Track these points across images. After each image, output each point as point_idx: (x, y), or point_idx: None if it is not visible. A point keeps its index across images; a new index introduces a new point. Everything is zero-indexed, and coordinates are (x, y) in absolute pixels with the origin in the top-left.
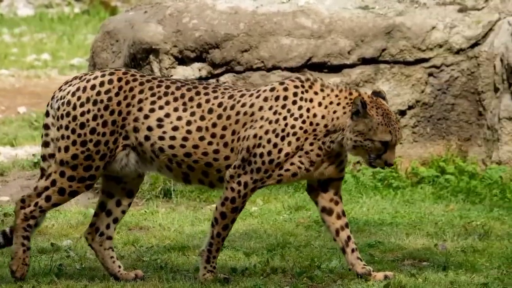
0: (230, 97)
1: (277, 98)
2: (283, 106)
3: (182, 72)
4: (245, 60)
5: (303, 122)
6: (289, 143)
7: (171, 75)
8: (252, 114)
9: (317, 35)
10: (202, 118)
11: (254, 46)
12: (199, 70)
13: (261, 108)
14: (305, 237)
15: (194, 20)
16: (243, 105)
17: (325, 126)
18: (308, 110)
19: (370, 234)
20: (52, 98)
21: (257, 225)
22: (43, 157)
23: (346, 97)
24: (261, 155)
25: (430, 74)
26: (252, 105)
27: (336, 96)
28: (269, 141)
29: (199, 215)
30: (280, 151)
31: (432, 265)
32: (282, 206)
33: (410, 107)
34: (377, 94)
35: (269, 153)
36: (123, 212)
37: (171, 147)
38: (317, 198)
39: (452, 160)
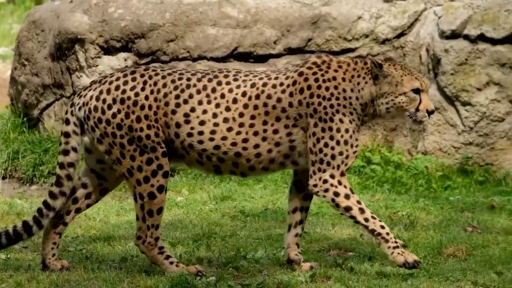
0: (253, 85)
1: (301, 91)
2: (311, 95)
3: (108, 62)
4: (171, 50)
5: (337, 99)
6: (341, 120)
7: (97, 65)
8: (284, 110)
9: (243, 25)
10: (228, 108)
11: (179, 36)
12: (125, 60)
13: (291, 105)
14: (231, 227)
15: (120, 10)
16: (269, 96)
17: (357, 98)
18: (336, 87)
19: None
20: (72, 105)
21: (183, 215)
22: (61, 165)
23: (363, 68)
24: (326, 144)
25: None
26: (279, 100)
27: (354, 69)
28: (323, 130)
29: (125, 205)
30: (338, 130)
31: (358, 255)
32: (208, 196)
33: None
34: (389, 59)
35: (331, 137)
36: (88, 206)
37: (200, 142)
38: (296, 172)
39: (378, 151)
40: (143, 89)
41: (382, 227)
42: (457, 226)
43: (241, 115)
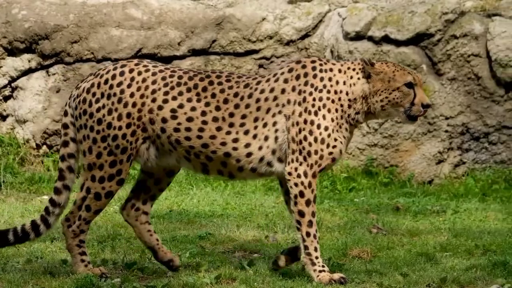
0: (246, 86)
1: (298, 77)
2: (306, 83)
3: (12, 63)
4: (75, 51)
5: (328, 92)
6: (324, 117)
7: (1, 66)
8: (275, 98)
9: (147, 26)
10: (218, 108)
11: (83, 37)
12: (29, 61)
13: (283, 91)
14: None
15: (24, 11)
16: (262, 91)
17: (347, 93)
18: (330, 79)
19: (200, 226)
20: (70, 97)
21: None
22: (62, 157)
23: (359, 64)
24: (305, 138)
25: (260, 66)
26: (272, 90)
27: (352, 63)
28: (305, 121)
29: (29, 206)
30: (319, 126)
31: (263, 257)
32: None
33: None
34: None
35: (311, 132)
36: (161, 190)
37: (187, 138)
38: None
39: None
40: (129, 85)
41: (315, 249)
42: (362, 227)
43: (231, 115)
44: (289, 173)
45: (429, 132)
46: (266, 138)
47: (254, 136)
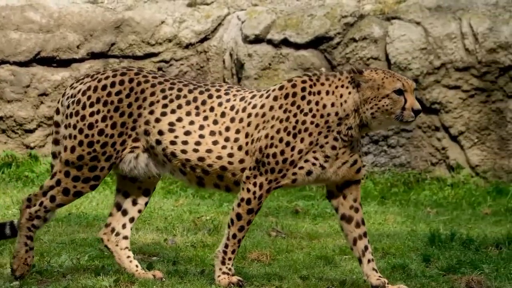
0: (242, 99)
1: (286, 96)
2: (293, 103)
3: None
4: None
5: (313, 116)
6: (302, 140)
7: None
8: (264, 115)
9: (45, 29)
10: (215, 122)
11: None
12: None
13: (271, 108)
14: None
15: None
16: (254, 106)
17: (336, 114)
18: (317, 103)
19: (99, 229)
20: (63, 95)
21: None
22: (54, 155)
23: (347, 77)
24: (274, 155)
25: (159, 69)
26: (262, 106)
27: (339, 79)
28: (281, 140)
29: None
30: (293, 148)
31: (162, 260)
32: (11, 200)
33: None
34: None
35: (282, 152)
36: (140, 211)
37: (184, 151)
38: (337, 205)
39: None
40: (128, 96)
41: (233, 252)
42: (261, 230)
43: (227, 129)
44: (247, 177)
45: None
46: (254, 154)
47: (246, 152)
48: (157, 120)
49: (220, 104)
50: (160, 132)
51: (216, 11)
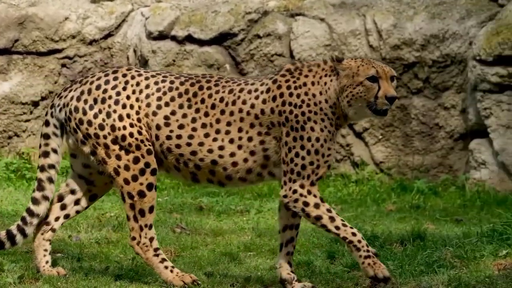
0: (230, 91)
1: (274, 99)
2: (283, 103)
3: None
4: None
5: (308, 105)
6: (312, 129)
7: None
8: (257, 117)
9: None
10: (206, 114)
11: None
12: None
13: (263, 112)
14: None
15: None
16: (244, 102)
17: (326, 101)
18: (306, 93)
19: (3, 226)
20: (52, 106)
21: None
22: (42, 168)
23: (330, 66)
24: (297, 154)
25: (63, 65)
26: (252, 106)
27: (323, 69)
28: (294, 139)
29: None
30: (309, 139)
31: (66, 256)
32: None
33: (43, 98)
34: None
35: (302, 147)
36: (77, 212)
37: (178, 146)
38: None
39: None
40: (124, 88)
41: (354, 234)
42: (165, 227)
43: (218, 121)
44: (285, 196)
45: None
46: (252, 153)
47: (239, 147)
48: (154, 114)
49: (210, 96)
50: (158, 127)
51: (120, 7)
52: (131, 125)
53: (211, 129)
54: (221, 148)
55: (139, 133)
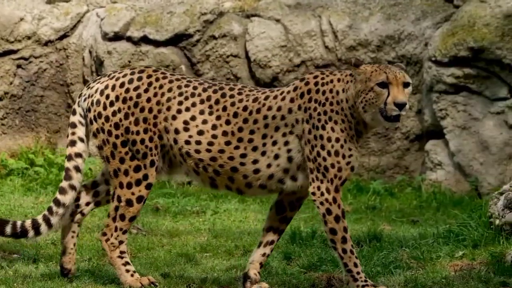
0: (255, 100)
1: (302, 95)
2: (309, 100)
3: None
4: None
5: (331, 104)
6: (332, 129)
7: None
8: (283, 118)
9: None
10: (228, 122)
11: None
12: None
13: (290, 111)
14: None
15: None
16: (269, 108)
17: (347, 101)
18: (331, 91)
19: None
20: (80, 96)
21: None
22: (69, 157)
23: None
24: (318, 154)
25: (18, 66)
26: (279, 109)
27: (348, 74)
28: (315, 137)
29: None
30: (329, 139)
31: (22, 258)
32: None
33: None
34: (374, 63)
35: (322, 147)
36: (108, 201)
37: (197, 151)
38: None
39: (41, 152)
40: (146, 90)
41: (355, 265)
42: None
43: (240, 129)
44: (313, 193)
45: None
46: (276, 157)
47: (263, 153)
48: (174, 118)
49: (233, 104)
50: (176, 131)
51: (75, 8)
52: (145, 131)
53: (233, 138)
54: (243, 156)
55: (151, 139)
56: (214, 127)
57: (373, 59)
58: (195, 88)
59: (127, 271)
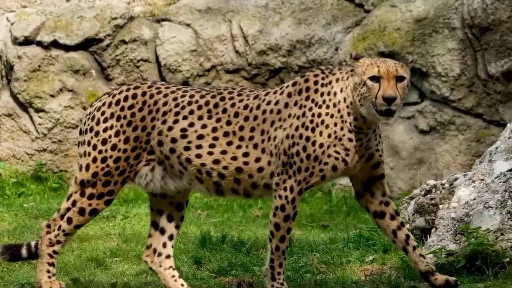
0: (255, 97)
1: (300, 92)
2: (307, 98)
3: None
4: None
5: (327, 107)
6: (321, 133)
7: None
8: (279, 112)
9: None
10: (229, 122)
11: None
12: None
13: (286, 105)
14: None
15: None
16: (268, 103)
17: (345, 100)
18: (329, 93)
19: None
20: (86, 115)
21: None
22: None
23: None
24: (297, 153)
25: None
26: (277, 103)
27: (352, 70)
28: (300, 136)
29: None
30: (314, 143)
31: None
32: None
33: None
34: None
35: (304, 148)
36: (177, 227)
37: (198, 156)
38: (366, 204)
39: None
40: (141, 109)
41: (280, 265)
42: (31, 233)
43: (241, 128)
44: (277, 184)
45: None
46: (271, 153)
47: (263, 150)
48: (170, 129)
49: (233, 105)
50: (173, 140)
51: None
52: (133, 149)
53: (234, 137)
54: (245, 154)
55: (136, 157)
56: (214, 129)
57: (283, 63)
58: (191, 96)
59: (48, 271)
